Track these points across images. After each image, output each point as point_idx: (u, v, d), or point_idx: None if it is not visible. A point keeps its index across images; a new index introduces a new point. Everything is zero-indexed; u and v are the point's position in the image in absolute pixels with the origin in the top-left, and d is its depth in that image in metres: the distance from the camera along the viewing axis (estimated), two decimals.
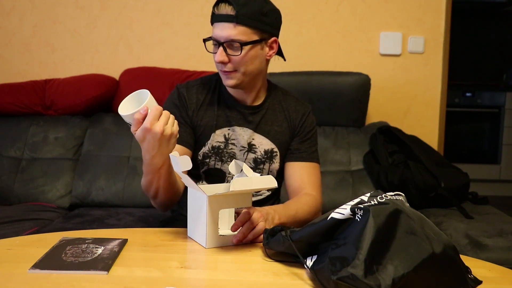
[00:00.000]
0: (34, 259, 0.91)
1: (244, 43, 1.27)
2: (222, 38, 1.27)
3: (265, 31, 1.31)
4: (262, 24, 1.29)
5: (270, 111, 1.42)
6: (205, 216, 1.01)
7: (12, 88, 2.26)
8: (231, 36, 1.26)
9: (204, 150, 1.37)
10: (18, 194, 2.06)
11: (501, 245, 1.50)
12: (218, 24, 1.27)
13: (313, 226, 0.87)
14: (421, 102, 2.48)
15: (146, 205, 2.04)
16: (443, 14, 2.42)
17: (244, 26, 1.26)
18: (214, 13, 1.29)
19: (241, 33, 1.26)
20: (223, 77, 1.33)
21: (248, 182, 1.02)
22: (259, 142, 1.39)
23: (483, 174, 4.03)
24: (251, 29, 1.27)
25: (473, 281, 0.82)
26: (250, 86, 1.37)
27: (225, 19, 1.25)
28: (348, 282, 0.73)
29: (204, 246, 1.02)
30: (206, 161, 1.37)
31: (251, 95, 1.39)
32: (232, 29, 1.25)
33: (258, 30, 1.28)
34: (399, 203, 0.82)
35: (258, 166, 1.39)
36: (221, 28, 1.26)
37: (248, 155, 1.39)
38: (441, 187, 1.83)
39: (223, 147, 1.37)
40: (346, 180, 2.07)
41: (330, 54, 2.47)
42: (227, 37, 1.26)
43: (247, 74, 1.32)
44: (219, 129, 1.37)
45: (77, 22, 2.48)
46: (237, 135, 1.38)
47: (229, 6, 1.25)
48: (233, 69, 1.30)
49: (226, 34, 1.26)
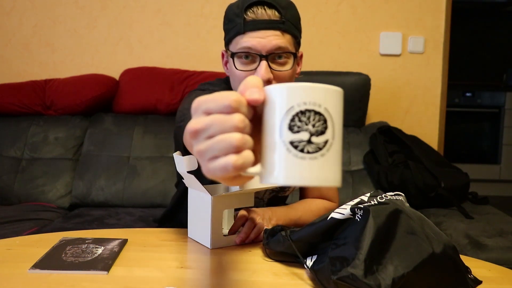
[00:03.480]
0: (34, 259, 0.91)
1: (294, 54, 1.05)
2: (265, 50, 1.02)
3: (299, 43, 1.11)
4: (299, 32, 1.10)
5: None
6: (209, 217, 1.01)
7: (12, 88, 2.27)
8: (280, 46, 1.02)
9: None
10: (18, 194, 2.06)
11: (501, 245, 1.50)
12: (256, 32, 1.02)
13: (313, 226, 0.87)
14: (421, 102, 2.48)
15: (146, 205, 2.04)
16: (443, 14, 2.43)
17: (290, 34, 1.05)
18: (245, 19, 1.03)
19: (289, 43, 1.04)
20: None
21: (256, 182, 1.01)
22: None
23: (483, 174, 4.03)
24: (294, 39, 1.07)
25: (473, 281, 0.82)
26: None
27: (268, 26, 1.02)
28: (348, 282, 0.73)
29: (208, 247, 1.02)
30: None
31: None
32: (280, 38, 1.02)
33: (298, 40, 1.09)
34: (399, 203, 0.82)
35: (283, 188, 1.25)
36: (263, 37, 1.01)
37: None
38: (441, 187, 1.84)
39: None
40: (346, 180, 2.07)
41: (330, 54, 2.47)
42: (274, 47, 1.02)
43: None
44: None
45: (77, 22, 2.48)
46: None
47: (270, 9, 1.03)
48: None
49: (273, 43, 1.02)
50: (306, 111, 0.48)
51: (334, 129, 0.49)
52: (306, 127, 0.48)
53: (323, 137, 0.48)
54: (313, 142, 0.48)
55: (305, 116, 0.48)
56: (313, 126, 0.48)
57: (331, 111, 0.49)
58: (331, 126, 0.49)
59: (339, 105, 0.50)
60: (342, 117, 0.51)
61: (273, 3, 1.03)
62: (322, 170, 0.49)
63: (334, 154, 0.49)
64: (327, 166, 0.49)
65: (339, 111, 0.50)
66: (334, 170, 0.50)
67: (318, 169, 0.48)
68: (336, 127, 0.49)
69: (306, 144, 0.48)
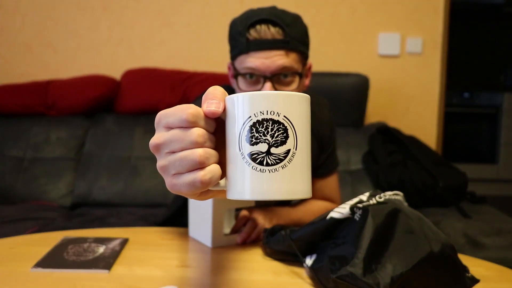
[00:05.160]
0: (36, 258, 0.92)
1: (297, 73, 1.01)
2: (269, 70, 0.98)
3: (307, 57, 1.06)
4: (307, 48, 1.05)
5: None
6: (211, 216, 1.01)
7: (15, 88, 2.27)
8: (285, 66, 0.98)
9: None
10: (20, 193, 2.07)
11: (498, 244, 1.51)
12: (260, 53, 0.97)
13: (312, 225, 0.87)
14: (420, 103, 2.49)
15: (147, 204, 2.05)
16: (441, 15, 2.43)
17: (296, 52, 1.00)
18: (248, 38, 0.98)
19: (294, 61, 1.00)
20: None
21: None
22: None
23: (481, 173, 4.04)
24: (300, 55, 1.02)
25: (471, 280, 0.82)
26: None
27: (272, 46, 0.97)
28: (347, 280, 0.74)
29: (209, 246, 1.03)
30: None
31: None
32: (284, 57, 0.97)
33: (305, 56, 1.04)
34: (397, 202, 0.83)
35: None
36: (267, 57, 0.97)
37: None
38: (439, 186, 1.84)
39: None
40: (345, 180, 2.07)
41: (329, 55, 2.47)
42: (278, 68, 0.98)
43: None
44: None
45: (79, 23, 2.49)
46: None
47: (274, 27, 0.97)
48: None
49: (277, 64, 0.97)
50: (263, 120, 0.45)
51: (297, 138, 0.46)
52: (265, 137, 0.45)
53: (283, 148, 0.45)
54: (272, 153, 0.45)
55: (263, 126, 0.45)
56: (272, 137, 0.45)
57: (291, 119, 0.45)
58: (292, 135, 0.45)
59: (303, 112, 0.47)
60: (307, 123, 0.48)
61: (277, 20, 0.97)
62: (285, 182, 0.46)
63: (298, 165, 0.46)
64: (290, 177, 0.46)
65: (303, 118, 0.47)
66: (299, 181, 0.47)
67: (280, 182, 0.45)
68: (299, 136, 0.46)
69: (266, 156, 0.45)
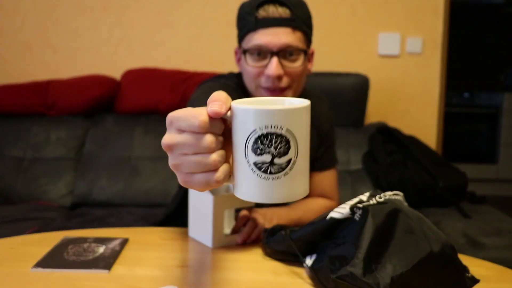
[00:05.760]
0: (36, 258, 0.92)
1: (304, 51, 1.07)
2: (276, 47, 1.03)
3: (311, 40, 1.12)
4: (310, 29, 1.10)
5: None
6: (211, 217, 1.01)
7: (15, 88, 2.27)
8: (290, 43, 1.04)
9: None
10: (20, 193, 2.07)
11: (498, 244, 1.51)
12: (268, 29, 1.03)
13: (312, 225, 0.87)
14: (420, 103, 2.49)
15: (147, 205, 2.05)
16: (441, 15, 2.43)
17: (301, 32, 1.06)
18: (257, 17, 1.04)
19: (299, 40, 1.05)
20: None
21: None
22: None
23: (481, 173, 4.04)
24: (305, 36, 1.08)
25: (471, 280, 0.82)
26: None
27: (279, 23, 1.03)
28: (347, 280, 0.74)
29: (209, 246, 1.03)
30: None
31: None
32: (290, 35, 1.04)
33: (308, 37, 1.10)
34: (397, 202, 0.83)
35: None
36: (275, 34, 1.03)
37: None
38: (439, 186, 1.84)
39: None
40: (345, 180, 2.07)
41: (329, 55, 2.48)
42: (285, 45, 1.04)
43: (297, 91, 1.12)
44: None
45: (79, 23, 2.49)
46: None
47: (282, 7, 1.04)
48: (287, 85, 1.07)
49: (283, 41, 1.03)
50: (268, 134, 0.49)
51: (298, 147, 0.51)
52: (269, 149, 0.50)
53: (285, 158, 0.50)
54: (275, 163, 0.50)
55: (267, 139, 0.49)
56: (275, 149, 0.50)
57: (294, 131, 0.50)
58: (294, 146, 0.50)
59: (304, 122, 0.52)
60: (307, 130, 0.53)
61: (284, 1, 1.03)
62: (287, 187, 0.51)
63: (299, 170, 0.51)
64: (291, 183, 0.51)
65: (303, 128, 0.52)
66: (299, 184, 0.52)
67: (281, 188, 0.51)
68: (300, 145, 0.51)
69: (269, 165, 0.50)
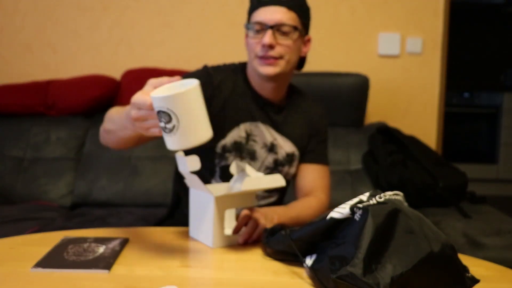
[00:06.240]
0: (36, 258, 0.92)
1: (296, 28, 1.23)
2: (271, 21, 1.21)
3: (306, 26, 1.29)
4: (306, 17, 1.27)
5: (292, 113, 1.35)
6: (212, 217, 1.01)
7: (15, 88, 2.27)
8: (283, 20, 1.21)
9: (225, 142, 1.28)
10: (20, 193, 2.07)
11: (498, 244, 1.51)
12: (266, 8, 1.22)
13: (312, 225, 0.87)
14: (420, 103, 2.49)
15: (147, 205, 2.05)
16: (441, 15, 2.43)
17: (295, 12, 1.23)
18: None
19: (292, 19, 1.23)
20: (263, 65, 1.23)
21: (258, 181, 1.02)
22: (281, 144, 1.32)
23: (481, 173, 4.04)
24: (299, 18, 1.25)
25: (471, 279, 0.82)
26: (282, 81, 1.30)
27: (277, 3, 1.21)
28: (347, 280, 0.74)
29: (210, 246, 1.03)
30: (225, 155, 1.28)
31: (279, 93, 1.32)
32: (285, 13, 1.21)
33: (302, 21, 1.26)
34: (397, 202, 0.83)
35: (277, 167, 1.33)
36: (271, 12, 1.21)
37: (269, 155, 1.31)
38: (439, 186, 1.84)
39: (244, 143, 1.29)
40: (345, 180, 2.08)
41: (329, 55, 2.48)
42: (279, 21, 1.21)
43: (290, 63, 1.26)
44: (242, 123, 1.29)
45: (79, 23, 2.49)
46: (260, 132, 1.30)
47: None
48: (279, 55, 1.23)
49: (278, 17, 1.21)
50: (159, 111, 0.83)
51: (178, 117, 0.82)
52: (163, 119, 0.84)
53: (171, 124, 0.83)
54: (167, 127, 0.84)
55: (160, 114, 0.84)
56: (164, 119, 0.83)
57: (173, 110, 0.82)
58: (174, 117, 0.82)
59: (182, 104, 0.83)
60: (190, 105, 0.84)
61: None
62: (181, 138, 0.85)
63: (184, 129, 0.83)
64: (183, 136, 0.84)
65: (183, 107, 0.82)
66: (188, 138, 0.85)
67: (179, 139, 0.85)
68: (180, 115, 0.82)
69: (166, 128, 0.84)
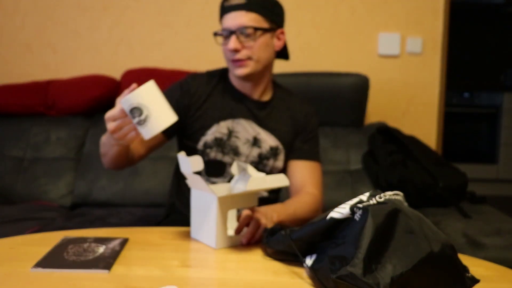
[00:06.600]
0: (36, 258, 0.92)
1: (257, 28, 1.29)
2: (233, 26, 1.28)
3: (274, 21, 1.33)
4: (271, 13, 1.32)
5: (276, 110, 1.42)
6: (215, 217, 1.01)
7: (15, 88, 2.27)
8: (243, 23, 1.27)
9: (206, 139, 1.36)
10: (20, 193, 2.07)
11: (498, 244, 1.51)
12: (228, 14, 1.29)
13: (312, 225, 0.87)
14: (420, 103, 2.49)
15: (147, 205, 2.05)
16: (441, 15, 2.43)
17: (255, 12, 1.28)
18: (223, 6, 1.32)
19: (252, 20, 1.28)
20: (235, 67, 1.32)
21: (262, 181, 1.02)
22: (264, 138, 1.38)
23: (481, 173, 4.04)
24: (261, 16, 1.30)
25: (471, 279, 0.82)
26: (259, 79, 1.37)
27: (236, 8, 1.28)
28: (347, 280, 0.74)
29: (213, 247, 1.03)
30: (207, 151, 1.36)
31: (259, 89, 1.39)
32: (244, 16, 1.28)
33: (268, 18, 1.31)
34: (397, 202, 0.83)
35: (262, 161, 1.38)
36: (232, 18, 1.28)
37: (252, 149, 1.37)
38: (439, 186, 1.84)
39: (225, 139, 1.36)
40: (345, 180, 2.07)
41: (329, 55, 2.48)
42: (239, 24, 1.28)
43: (260, 62, 1.32)
44: (223, 120, 1.36)
45: (79, 23, 2.49)
46: (242, 128, 1.37)
47: None
48: (246, 57, 1.30)
49: (238, 22, 1.27)
50: (132, 109, 0.97)
51: (148, 109, 0.96)
52: (136, 115, 0.97)
53: (143, 115, 0.96)
54: (141, 119, 0.97)
55: (133, 111, 0.97)
56: (137, 114, 0.97)
57: (142, 102, 0.96)
58: (145, 109, 0.96)
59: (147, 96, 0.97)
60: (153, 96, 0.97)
61: None
62: (154, 124, 0.97)
63: (155, 115, 0.97)
64: (155, 121, 0.97)
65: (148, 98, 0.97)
66: (161, 119, 0.97)
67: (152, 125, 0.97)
68: (149, 104, 0.96)
69: (140, 121, 0.97)
